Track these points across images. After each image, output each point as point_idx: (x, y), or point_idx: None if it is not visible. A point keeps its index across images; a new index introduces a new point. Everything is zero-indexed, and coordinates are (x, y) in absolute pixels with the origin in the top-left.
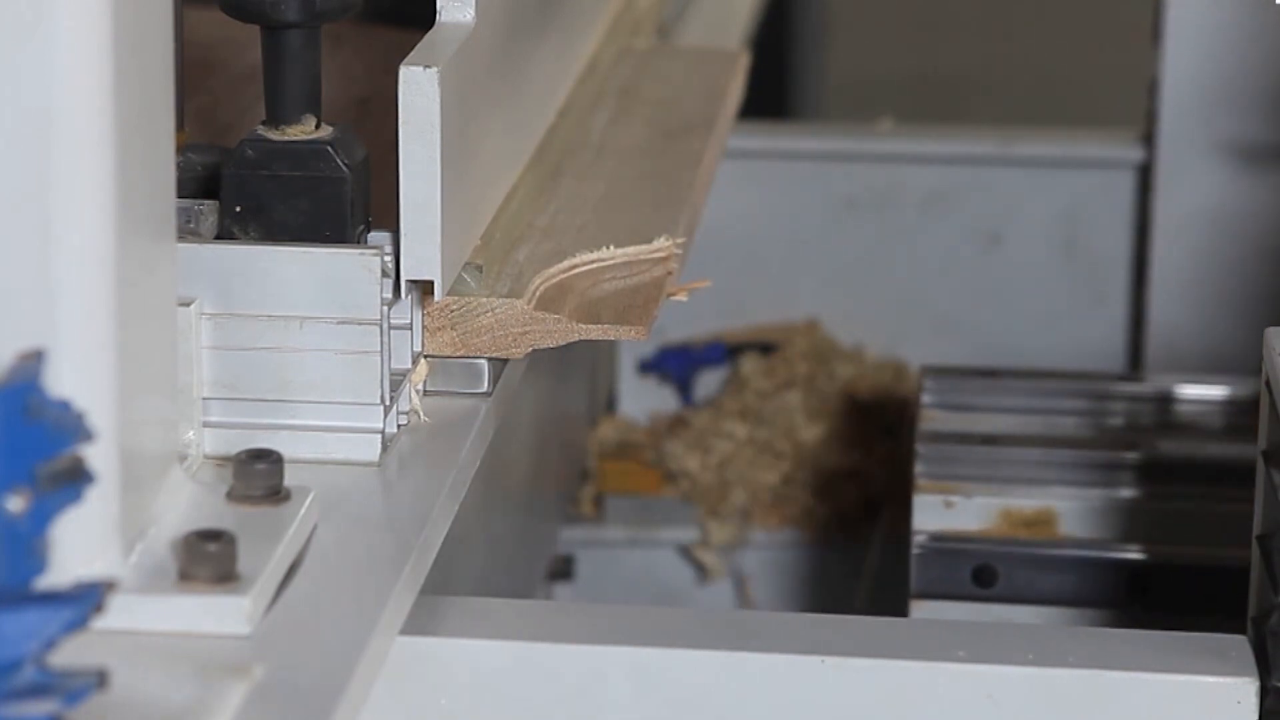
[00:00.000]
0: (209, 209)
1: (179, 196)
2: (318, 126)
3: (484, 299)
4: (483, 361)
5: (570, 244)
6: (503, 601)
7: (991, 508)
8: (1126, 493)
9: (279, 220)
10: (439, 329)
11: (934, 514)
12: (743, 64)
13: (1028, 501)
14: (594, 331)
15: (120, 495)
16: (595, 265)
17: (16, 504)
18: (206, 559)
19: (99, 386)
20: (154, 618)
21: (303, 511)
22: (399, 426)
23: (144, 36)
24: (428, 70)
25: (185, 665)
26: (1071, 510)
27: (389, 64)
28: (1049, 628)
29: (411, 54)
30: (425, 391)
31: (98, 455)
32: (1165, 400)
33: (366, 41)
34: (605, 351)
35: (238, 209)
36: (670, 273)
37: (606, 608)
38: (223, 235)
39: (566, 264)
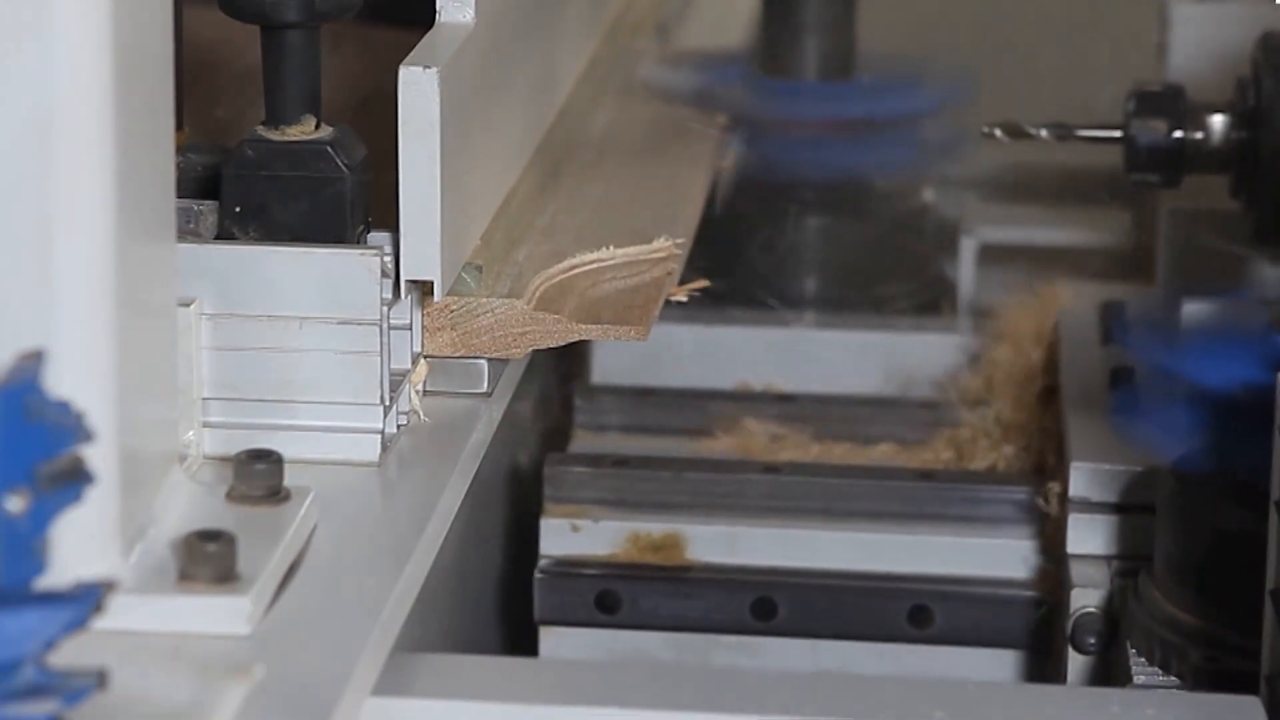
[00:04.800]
0: (209, 209)
1: (179, 196)
2: (317, 127)
3: (484, 299)
4: (482, 362)
5: (570, 244)
6: (476, 659)
7: (619, 532)
8: (755, 516)
9: (279, 220)
10: (439, 329)
11: (560, 538)
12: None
13: (655, 525)
14: (594, 332)
15: (120, 495)
16: (595, 265)
17: (16, 504)
18: (206, 559)
19: (99, 387)
20: (154, 618)
21: (303, 512)
22: (399, 427)
23: (144, 36)
24: (427, 71)
25: (185, 665)
26: (699, 534)
27: (389, 64)
28: (1054, 687)
29: (411, 54)
30: (425, 392)
31: (97, 455)
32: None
33: (366, 42)
34: None
35: (238, 209)
36: (670, 273)
37: (577, 666)
38: (223, 235)
39: (566, 264)
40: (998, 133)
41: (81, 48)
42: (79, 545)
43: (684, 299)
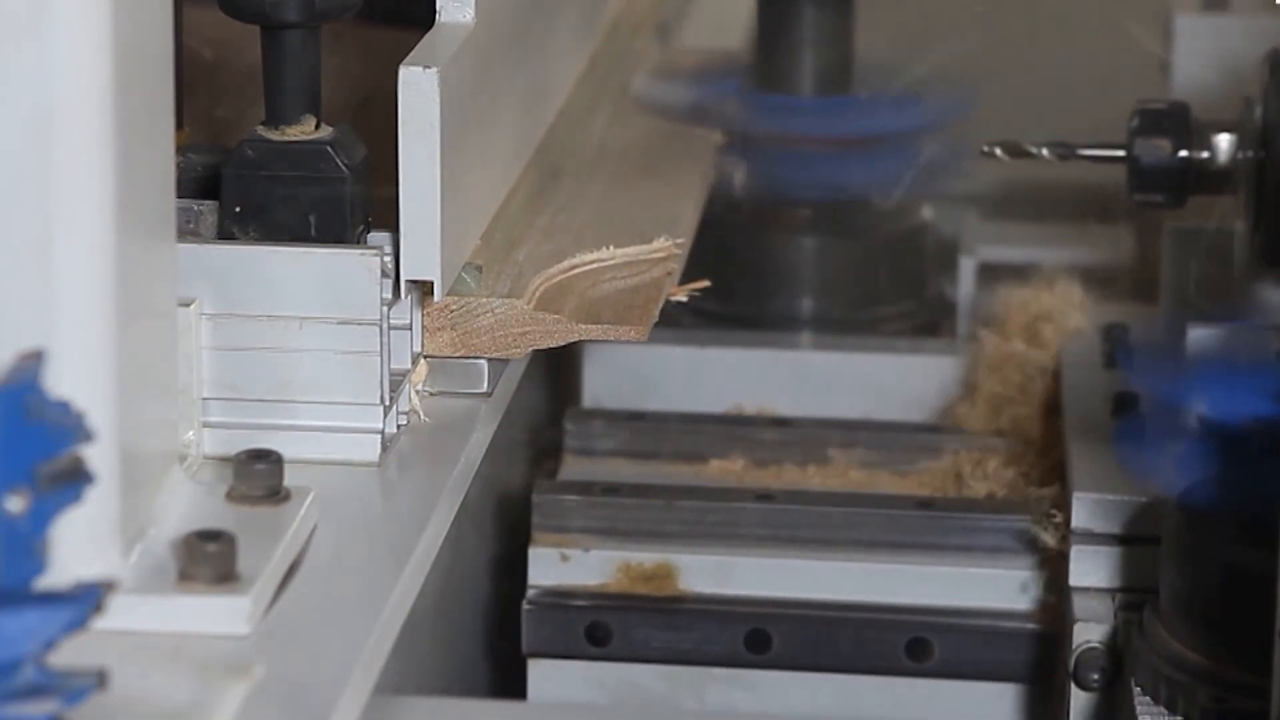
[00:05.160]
0: (209, 209)
1: (179, 196)
2: (318, 127)
3: (484, 299)
4: (483, 362)
5: (570, 244)
6: (462, 703)
7: (609, 561)
8: (749, 546)
9: (279, 220)
10: (439, 329)
11: (549, 568)
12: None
13: (647, 555)
14: (594, 332)
15: (120, 495)
16: (595, 265)
17: (16, 504)
18: (206, 559)
19: (99, 386)
20: (154, 618)
21: (303, 512)
22: (399, 427)
23: (144, 36)
24: (427, 71)
25: (185, 665)
26: (692, 564)
27: (389, 64)
28: None
29: (411, 54)
30: (425, 392)
31: (97, 455)
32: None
33: (366, 41)
34: None
35: (238, 209)
36: (670, 273)
37: (566, 710)
38: (223, 235)
39: (566, 264)
40: (998, 152)
41: (81, 48)
42: (79, 545)
43: (684, 299)
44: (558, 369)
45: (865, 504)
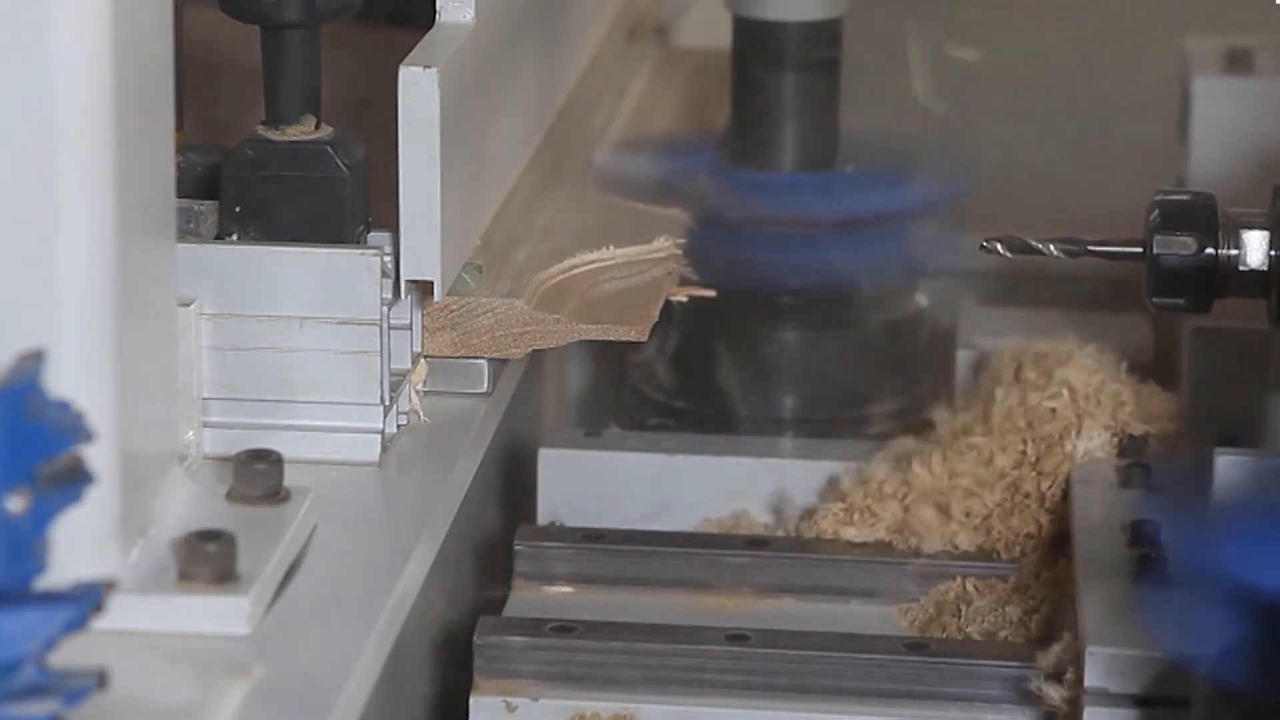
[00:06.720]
0: (209, 209)
1: (179, 196)
2: (318, 126)
3: (484, 299)
4: (482, 361)
5: (570, 244)
6: None
7: (561, 712)
8: (719, 695)
9: (279, 220)
10: (439, 329)
11: (493, 719)
12: None
13: (603, 704)
14: (594, 332)
15: (120, 495)
16: (595, 265)
17: (16, 504)
18: (206, 559)
19: (99, 386)
20: (154, 618)
21: (303, 512)
22: (399, 426)
23: (144, 37)
24: (427, 70)
25: (185, 665)
26: (654, 715)
27: (389, 64)
28: None
29: (411, 54)
30: (425, 391)
31: (98, 455)
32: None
33: (366, 41)
34: None
35: (238, 209)
36: (670, 273)
37: None
38: (223, 235)
39: (566, 264)
40: (999, 248)
41: (81, 48)
42: (79, 545)
43: (684, 299)
44: (511, 478)
45: (849, 646)
